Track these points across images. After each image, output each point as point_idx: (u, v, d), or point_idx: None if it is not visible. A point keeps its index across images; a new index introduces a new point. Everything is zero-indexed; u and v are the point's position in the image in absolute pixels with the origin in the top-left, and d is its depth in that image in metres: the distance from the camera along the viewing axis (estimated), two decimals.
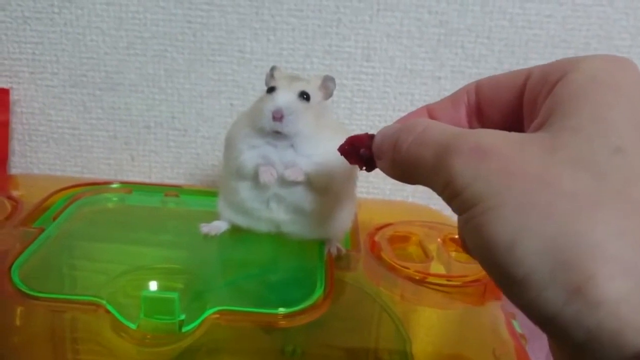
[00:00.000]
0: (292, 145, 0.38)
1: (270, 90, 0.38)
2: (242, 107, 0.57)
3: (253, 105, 0.40)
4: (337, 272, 0.40)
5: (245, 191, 0.40)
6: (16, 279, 0.36)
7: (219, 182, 0.47)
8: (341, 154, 0.30)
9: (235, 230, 0.44)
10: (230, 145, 0.41)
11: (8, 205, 0.46)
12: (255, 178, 0.39)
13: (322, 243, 0.43)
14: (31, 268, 0.38)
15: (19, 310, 0.36)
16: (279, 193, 0.39)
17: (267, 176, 0.38)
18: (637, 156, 0.19)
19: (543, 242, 0.18)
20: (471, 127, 0.27)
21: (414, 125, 0.24)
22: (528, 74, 0.24)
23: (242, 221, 0.42)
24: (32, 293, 0.35)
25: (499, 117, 0.26)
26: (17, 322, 0.36)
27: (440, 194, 0.22)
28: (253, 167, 0.39)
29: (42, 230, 0.42)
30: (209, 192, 0.50)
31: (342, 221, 0.43)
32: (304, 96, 0.37)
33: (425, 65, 0.58)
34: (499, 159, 0.20)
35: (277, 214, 0.40)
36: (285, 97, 0.37)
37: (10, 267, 0.37)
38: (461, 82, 0.28)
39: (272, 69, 0.40)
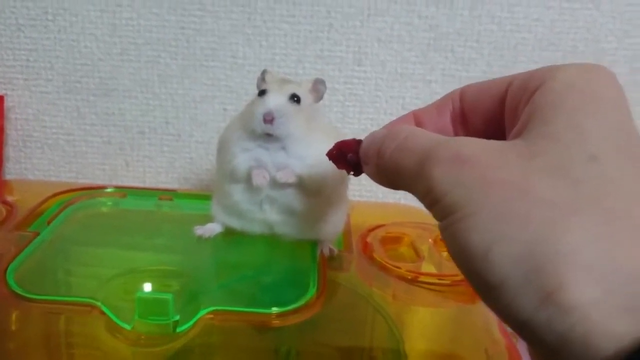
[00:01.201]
0: (283, 148, 0.38)
1: (262, 93, 0.38)
2: (235, 112, 0.58)
3: (245, 108, 0.41)
4: (330, 273, 0.41)
5: (238, 194, 0.41)
6: (11, 281, 0.36)
7: (213, 185, 0.47)
8: (329, 159, 0.31)
9: (229, 233, 0.44)
10: (223, 149, 0.41)
11: (3, 210, 0.47)
12: (248, 181, 0.39)
13: (314, 244, 0.43)
14: (26, 271, 0.38)
15: (14, 312, 0.36)
16: (272, 195, 0.40)
17: (260, 179, 0.38)
18: (610, 164, 0.19)
19: (518, 249, 0.19)
20: (456, 133, 0.27)
21: (398, 132, 0.24)
22: (510, 82, 0.24)
23: (235, 223, 0.43)
24: (27, 295, 0.35)
25: (482, 123, 0.26)
26: (13, 324, 0.36)
27: (421, 200, 0.23)
28: (246, 169, 0.39)
29: (37, 234, 0.43)
30: (203, 196, 0.50)
31: (335, 222, 0.43)
32: (295, 99, 0.38)
33: (415, 69, 0.59)
34: (478, 167, 0.20)
35: (270, 216, 0.41)
36: (275, 99, 0.37)
37: (5, 270, 0.37)
38: (452, 85, 0.29)
39: (264, 72, 0.40)
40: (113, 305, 0.35)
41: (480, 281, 0.20)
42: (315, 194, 0.40)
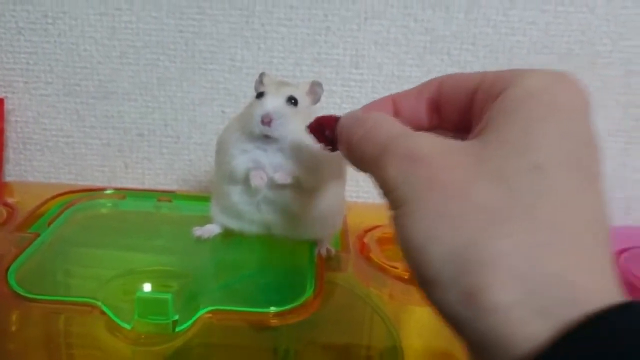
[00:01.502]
0: (281, 149, 0.38)
1: (259, 95, 0.39)
2: (233, 114, 0.58)
3: (243, 110, 0.41)
4: (327, 273, 0.41)
5: (236, 195, 0.41)
6: (13, 282, 0.37)
7: (211, 186, 0.48)
8: (309, 132, 0.32)
9: (228, 234, 0.44)
10: (221, 150, 0.42)
11: (4, 212, 0.47)
12: (246, 182, 0.40)
13: (312, 244, 0.44)
14: (27, 272, 0.39)
15: (16, 312, 0.36)
16: (270, 196, 0.40)
17: (258, 180, 0.39)
18: (555, 175, 0.20)
19: (449, 249, 0.20)
20: (430, 120, 0.28)
21: (366, 120, 0.26)
22: (481, 80, 0.25)
23: (234, 224, 0.43)
24: (28, 296, 0.36)
25: (454, 114, 0.27)
26: (14, 324, 0.36)
27: (378, 188, 0.24)
28: (244, 171, 0.40)
29: (38, 235, 0.43)
30: (202, 197, 0.50)
31: (332, 223, 0.44)
32: (292, 101, 0.38)
33: (412, 72, 0.59)
34: (427, 166, 0.21)
35: (268, 217, 0.41)
36: (273, 101, 0.37)
37: (6, 271, 0.38)
38: None
39: (261, 75, 0.41)
40: (113, 305, 0.35)
41: (417, 274, 0.21)
42: (312, 194, 0.40)
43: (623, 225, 0.62)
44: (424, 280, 0.21)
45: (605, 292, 0.19)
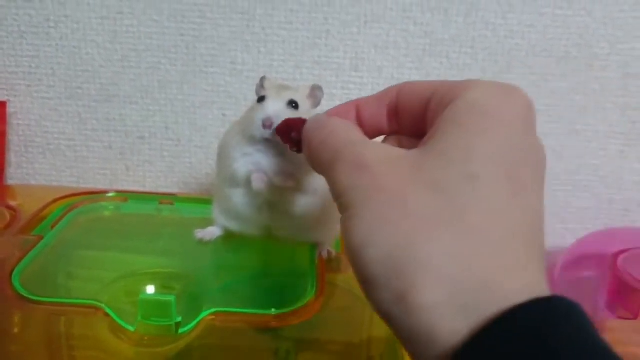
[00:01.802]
0: (282, 153, 0.39)
1: (261, 99, 0.39)
2: (234, 117, 0.59)
3: (244, 114, 0.41)
4: (328, 275, 0.41)
5: (238, 198, 0.42)
6: (17, 284, 0.37)
7: (213, 189, 0.48)
8: (276, 134, 0.33)
9: (229, 236, 0.45)
10: (223, 154, 0.42)
11: (7, 215, 0.47)
12: (248, 185, 0.40)
13: (313, 246, 0.44)
14: (31, 274, 0.39)
15: (20, 314, 0.37)
16: (271, 199, 0.40)
17: (259, 183, 0.39)
18: (488, 184, 0.21)
19: (385, 252, 0.21)
20: (390, 126, 0.29)
21: (325, 125, 0.27)
22: (435, 90, 0.26)
23: (235, 226, 0.44)
24: (33, 298, 0.36)
25: (410, 122, 0.28)
26: (19, 326, 0.37)
27: (332, 192, 0.25)
28: (246, 174, 0.40)
29: (41, 238, 0.43)
30: (203, 200, 0.51)
31: (333, 225, 0.44)
32: (293, 105, 0.39)
33: (411, 75, 0.59)
34: (371, 174, 0.23)
35: (269, 219, 0.42)
36: (274, 105, 0.38)
37: (10, 274, 0.38)
38: None
39: (262, 79, 0.41)
40: (116, 307, 0.36)
41: (356, 274, 0.23)
42: (313, 197, 0.41)
43: (621, 226, 0.63)
44: (363, 280, 0.22)
45: (527, 292, 0.20)
